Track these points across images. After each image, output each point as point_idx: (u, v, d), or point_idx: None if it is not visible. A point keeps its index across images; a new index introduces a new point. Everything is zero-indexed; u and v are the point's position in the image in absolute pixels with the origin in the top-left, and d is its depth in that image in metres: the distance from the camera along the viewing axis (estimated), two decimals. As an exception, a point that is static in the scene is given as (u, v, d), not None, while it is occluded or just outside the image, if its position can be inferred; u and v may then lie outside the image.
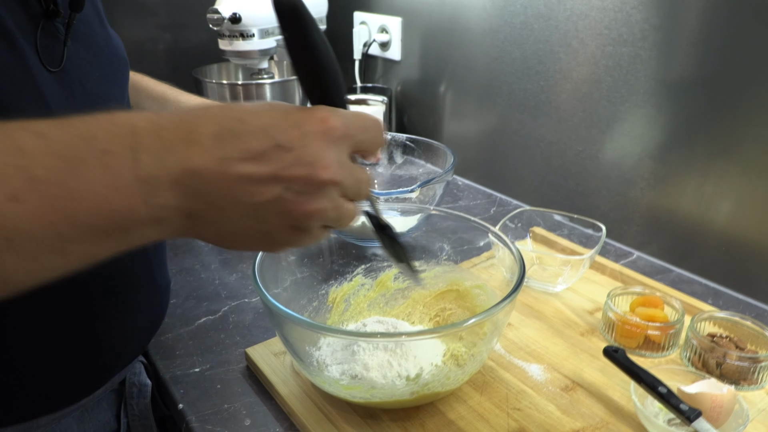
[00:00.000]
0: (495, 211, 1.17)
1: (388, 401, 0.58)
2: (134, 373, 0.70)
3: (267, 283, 0.61)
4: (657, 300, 0.74)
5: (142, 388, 0.70)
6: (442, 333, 0.52)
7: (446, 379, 0.57)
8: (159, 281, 0.68)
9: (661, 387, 0.57)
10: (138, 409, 0.70)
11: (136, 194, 0.34)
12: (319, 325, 0.53)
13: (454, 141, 1.36)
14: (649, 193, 0.96)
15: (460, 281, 0.73)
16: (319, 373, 0.61)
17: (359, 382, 0.58)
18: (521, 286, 0.57)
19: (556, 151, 1.10)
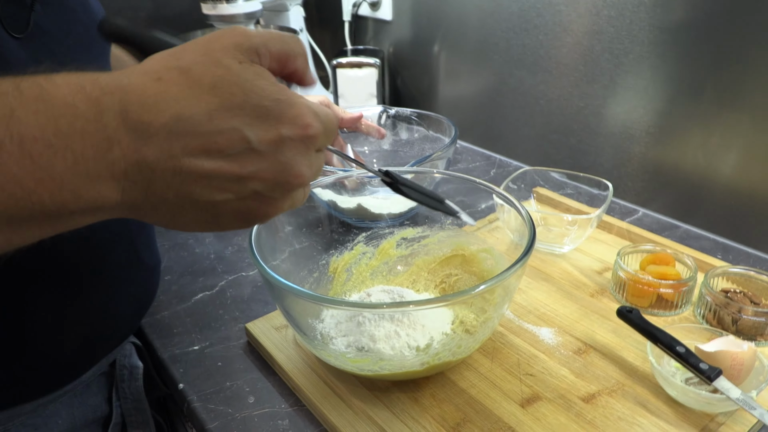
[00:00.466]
0: (495, 173, 1.14)
1: (398, 373, 0.56)
2: (124, 356, 0.68)
3: (265, 256, 0.58)
4: (668, 257, 0.72)
5: (133, 370, 0.68)
6: (452, 301, 0.50)
7: (457, 348, 0.55)
8: (146, 260, 0.65)
9: (679, 346, 0.55)
10: (130, 391, 0.67)
11: (67, 187, 0.30)
12: (322, 297, 0.51)
13: (450, 102, 1.32)
14: (653, 148, 0.93)
15: (466, 245, 0.71)
16: (323, 346, 0.59)
17: (366, 355, 0.56)
18: (533, 249, 0.55)
19: (556, 109, 1.07)
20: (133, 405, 0.68)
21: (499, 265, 0.66)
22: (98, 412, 0.65)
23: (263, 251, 0.58)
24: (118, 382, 0.67)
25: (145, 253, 0.66)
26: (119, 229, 0.59)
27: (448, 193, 0.99)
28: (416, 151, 1.06)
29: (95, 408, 0.65)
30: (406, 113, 1.05)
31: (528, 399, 0.57)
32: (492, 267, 0.67)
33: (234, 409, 0.61)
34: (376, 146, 1.09)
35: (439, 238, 0.73)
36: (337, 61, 1.29)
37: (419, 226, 0.75)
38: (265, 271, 0.53)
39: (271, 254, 0.62)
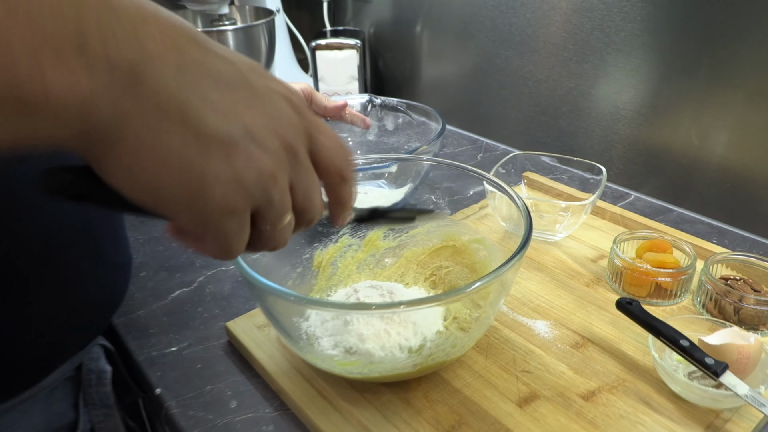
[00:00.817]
0: (482, 157, 1.11)
1: (388, 375, 0.53)
2: (91, 359, 0.64)
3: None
4: (665, 244, 0.69)
5: (101, 374, 0.64)
6: (446, 300, 0.47)
7: (451, 347, 0.52)
8: (112, 258, 0.61)
9: (683, 340, 0.53)
10: (98, 397, 0.63)
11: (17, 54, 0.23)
12: (307, 299, 0.47)
13: (433, 84, 1.28)
14: (645, 129, 0.91)
15: (456, 236, 0.67)
16: (309, 348, 0.56)
17: (355, 357, 0.53)
18: (530, 240, 0.51)
19: (545, 90, 1.03)
20: (102, 411, 0.64)
21: (492, 256, 0.63)
22: (63, 419, 0.61)
23: None
24: (85, 388, 0.63)
25: (111, 251, 0.61)
26: (79, 224, 0.55)
27: (436, 179, 0.96)
28: (402, 142, 1.03)
29: (60, 415, 0.61)
30: (392, 103, 1.01)
31: (525, 398, 0.55)
32: (485, 258, 0.64)
33: (215, 414, 0.57)
34: (361, 136, 1.05)
35: (428, 228, 0.70)
36: (316, 43, 1.24)
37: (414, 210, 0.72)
38: (244, 269, 0.49)
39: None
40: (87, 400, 0.63)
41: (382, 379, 0.54)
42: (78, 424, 0.63)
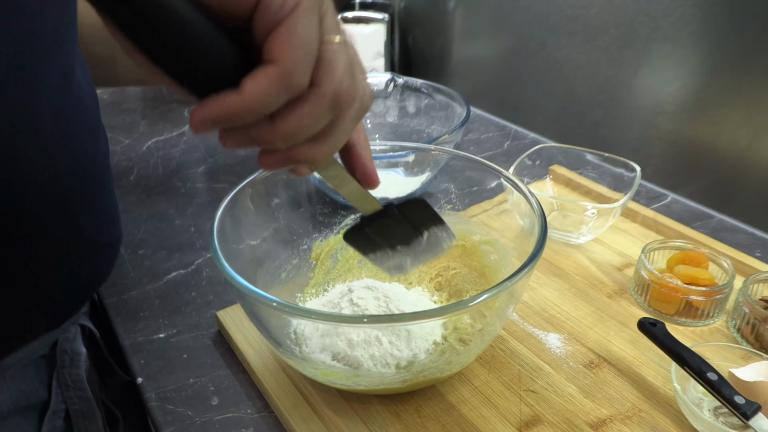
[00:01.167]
0: (509, 145, 1.04)
1: (376, 389, 0.48)
2: (67, 339, 0.61)
3: (228, 239, 0.50)
4: (701, 257, 0.62)
5: (75, 356, 0.61)
6: (443, 315, 0.41)
7: (446, 364, 0.47)
8: (91, 238, 0.57)
9: (711, 373, 0.47)
10: (71, 379, 0.60)
11: None
12: (290, 307, 0.42)
13: (463, 65, 1.21)
14: (688, 126, 0.83)
15: (467, 235, 0.62)
16: (295, 348, 0.51)
17: (341, 365, 0.48)
18: (543, 249, 0.46)
19: (581, 77, 0.96)
20: (76, 393, 0.61)
21: (503, 261, 0.57)
22: (33, 398, 0.58)
23: (226, 234, 0.50)
24: (59, 368, 0.60)
25: (89, 230, 0.57)
26: (50, 198, 0.51)
27: (456, 168, 0.90)
28: (424, 126, 0.97)
29: (30, 394, 0.58)
30: (416, 84, 0.95)
31: (527, 422, 0.49)
32: (495, 263, 0.58)
33: (194, 411, 0.54)
34: (381, 117, 0.99)
35: None
36: (342, 16, 1.18)
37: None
38: (224, 267, 0.45)
39: (236, 238, 0.54)
40: (60, 381, 0.60)
41: (369, 392, 0.50)
42: (49, 405, 0.60)
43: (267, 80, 0.27)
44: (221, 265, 0.45)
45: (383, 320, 0.41)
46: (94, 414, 0.64)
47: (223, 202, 0.53)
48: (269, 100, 0.27)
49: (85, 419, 0.63)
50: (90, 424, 0.64)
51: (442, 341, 0.52)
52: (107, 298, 0.69)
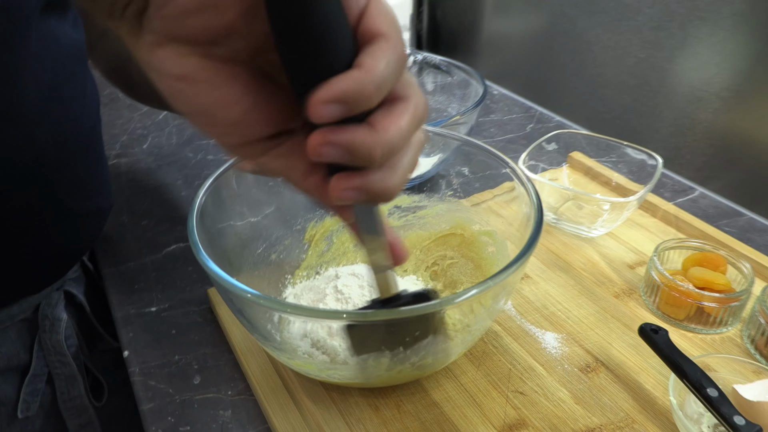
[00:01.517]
0: (532, 128, 1.00)
1: (350, 383, 0.46)
2: (49, 304, 0.61)
3: (213, 218, 0.49)
4: (719, 259, 0.58)
5: (55, 322, 0.61)
6: (424, 311, 0.39)
7: (430, 359, 0.45)
8: (73, 206, 0.57)
9: (711, 389, 0.43)
10: (51, 344, 0.61)
11: None
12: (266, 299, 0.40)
13: (493, 43, 1.16)
14: (724, 116, 0.77)
15: (467, 224, 0.59)
16: (275, 333, 0.50)
17: (316, 358, 0.46)
18: (533, 247, 0.43)
19: (611, 59, 0.90)
20: (57, 358, 0.62)
21: (499, 254, 0.54)
22: (14, 360, 0.59)
23: (209, 212, 0.49)
24: (41, 332, 0.61)
25: (71, 199, 0.57)
26: (30, 165, 0.51)
27: (472, 150, 0.86)
28: (441, 105, 0.93)
29: (10, 356, 0.59)
30: (434, 60, 0.91)
31: (511, 425, 0.47)
32: (492, 255, 0.55)
33: (175, 389, 0.53)
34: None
35: (438, 210, 0.62)
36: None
37: (416, 194, 0.63)
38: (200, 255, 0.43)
39: (224, 217, 0.53)
40: (42, 345, 0.61)
41: (346, 384, 0.48)
42: (30, 367, 0.61)
43: (383, 52, 0.26)
44: (193, 244, 0.43)
45: (359, 316, 0.38)
46: (76, 379, 0.64)
47: (209, 178, 0.51)
48: (390, 73, 0.26)
49: (67, 383, 0.64)
50: (72, 389, 0.64)
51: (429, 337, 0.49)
52: (105, 267, 0.68)
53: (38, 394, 0.62)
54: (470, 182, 0.63)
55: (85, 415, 0.66)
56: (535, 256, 0.66)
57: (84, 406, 0.66)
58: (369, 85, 0.25)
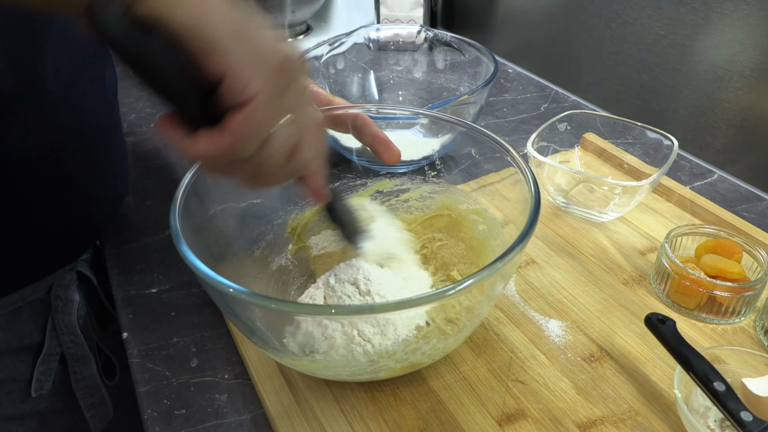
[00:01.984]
0: (546, 108, 0.97)
1: (347, 378, 0.45)
2: (61, 285, 0.61)
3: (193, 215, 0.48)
4: (734, 246, 0.56)
5: (68, 303, 0.62)
6: (420, 303, 0.37)
7: (433, 350, 0.43)
8: (86, 193, 0.57)
9: (718, 382, 0.41)
10: (64, 324, 0.61)
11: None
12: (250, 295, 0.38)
13: (509, 19, 1.12)
14: (746, 96, 0.74)
15: (454, 205, 0.58)
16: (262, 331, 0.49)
17: (309, 358, 0.45)
18: (529, 236, 0.41)
19: (630, 35, 0.87)
20: (70, 338, 0.62)
21: (491, 232, 0.53)
22: (26, 340, 0.60)
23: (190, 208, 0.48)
24: (54, 313, 0.61)
25: (90, 184, 0.57)
26: (44, 152, 0.52)
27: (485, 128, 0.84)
28: (453, 84, 0.91)
29: (23, 336, 0.59)
30: (446, 37, 0.89)
31: (510, 415, 0.46)
32: (483, 234, 0.54)
33: (172, 372, 0.53)
34: (408, 74, 0.93)
35: (422, 193, 0.60)
36: (380, -40, 1.11)
37: (397, 178, 0.62)
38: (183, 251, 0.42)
39: (205, 214, 0.52)
40: (55, 325, 0.61)
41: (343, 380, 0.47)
42: (43, 347, 0.61)
43: (216, 145, 0.32)
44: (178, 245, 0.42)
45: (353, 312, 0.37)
46: (88, 358, 0.64)
47: (186, 175, 0.50)
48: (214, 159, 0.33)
49: (79, 363, 0.64)
50: (84, 368, 0.65)
51: (426, 328, 0.47)
52: (108, 248, 0.68)
53: (51, 373, 0.63)
54: (488, 161, 0.60)
55: (98, 394, 0.67)
56: (542, 240, 0.64)
57: (96, 385, 0.66)
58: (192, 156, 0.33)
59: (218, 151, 0.33)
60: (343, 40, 0.89)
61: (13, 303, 0.58)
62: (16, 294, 0.58)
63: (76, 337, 0.62)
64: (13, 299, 0.58)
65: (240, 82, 0.31)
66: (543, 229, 0.65)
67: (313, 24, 1.22)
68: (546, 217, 0.67)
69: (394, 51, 0.94)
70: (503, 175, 0.58)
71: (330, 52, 0.88)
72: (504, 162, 0.52)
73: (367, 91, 0.93)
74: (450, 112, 0.71)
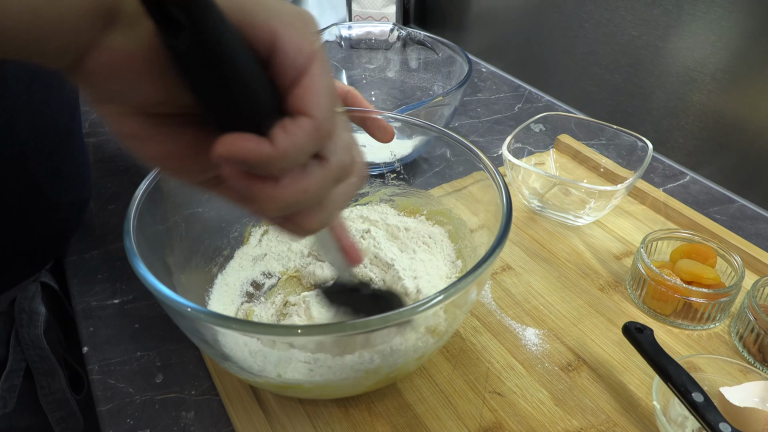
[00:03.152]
0: (520, 108, 0.96)
1: (310, 395, 0.43)
2: (26, 297, 0.58)
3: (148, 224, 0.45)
4: (708, 251, 0.55)
5: (33, 315, 0.59)
6: (393, 322, 0.36)
7: (408, 358, 0.42)
8: (53, 198, 0.54)
9: (697, 393, 0.41)
10: (30, 338, 0.58)
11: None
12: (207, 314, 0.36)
13: (483, 17, 1.11)
14: (718, 98, 0.74)
15: (417, 207, 0.57)
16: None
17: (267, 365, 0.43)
18: (500, 248, 0.40)
19: (603, 35, 0.86)
20: (36, 352, 0.59)
21: (458, 232, 0.52)
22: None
23: (144, 221, 0.45)
24: (18, 327, 0.58)
25: (52, 190, 0.55)
26: (10, 157, 0.49)
27: (462, 129, 0.82)
28: (426, 84, 0.89)
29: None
30: (419, 36, 0.87)
31: (487, 429, 0.45)
32: (450, 234, 0.53)
33: (135, 388, 0.51)
34: (380, 72, 0.92)
35: (381, 196, 0.59)
36: (352, -44, 1.09)
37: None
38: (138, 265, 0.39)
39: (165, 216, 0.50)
40: (20, 339, 0.58)
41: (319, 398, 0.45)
42: (7, 363, 0.58)
43: (302, 133, 0.25)
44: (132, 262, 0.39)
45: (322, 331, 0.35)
46: (56, 373, 0.62)
47: (140, 187, 0.48)
48: (300, 154, 0.26)
49: (47, 377, 0.62)
50: (53, 382, 0.62)
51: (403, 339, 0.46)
52: (68, 256, 0.65)
53: (16, 389, 0.59)
54: (462, 163, 0.59)
55: (67, 408, 0.64)
56: (517, 245, 0.63)
57: (65, 399, 0.64)
58: (275, 162, 0.25)
59: (304, 136, 0.26)
60: (314, 38, 0.87)
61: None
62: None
63: (42, 351, 0.59)
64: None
65: (296, 40, 0.26)
66: (518, 234, 0.64)
67: (283, 20, 1.19)
68: (521, 221, 0.66)
69: (366, 49, 0.92)
70: (477, 177, 0.57)
71: (300, 50, 0.86)
72: (476, 166, 0.51)
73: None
74: (424, 113, 0.70)
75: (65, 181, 0.58)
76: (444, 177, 0.63)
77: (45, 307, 0.61)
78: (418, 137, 0.72)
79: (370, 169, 0.63)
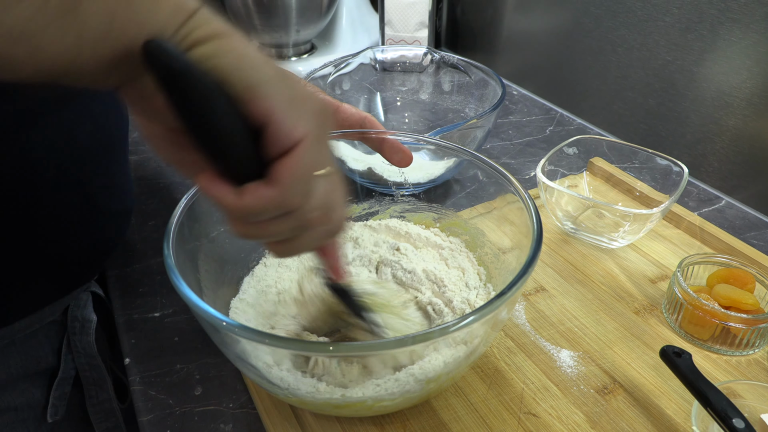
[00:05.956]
0: (551, 131, 0.97)
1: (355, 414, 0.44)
2: (78, 306, 0.60)
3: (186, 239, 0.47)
4: (746, 276, 0.55)
5: (85, 323, 0.60)
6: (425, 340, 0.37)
7: (437, 379, 0.42)
8: (104, 206, 0.57)
9: (738, 419, 0.41)
10: (81, 346, 0.60)
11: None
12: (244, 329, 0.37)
13: (514, 40, 1.12)
14: (753, 122, 0.73)
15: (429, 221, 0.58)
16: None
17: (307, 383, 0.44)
18: (531, 269, 0.40)
19: (636, 60, 0.87)
20: (86, 360, 0.61)
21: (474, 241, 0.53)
22: (42, 364, 0.58)
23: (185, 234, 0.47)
24: (69, 334, 0.60)
25: (103, 198, 0.57)
26: (66, 165, 0.51)
27: (494, 151, 0.83)
28: (458, 106, 0.91)
29: (38, 360, 0.58)
30: (452, 60, 0.89)
31: (522, 450, 0.45)
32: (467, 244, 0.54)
33: (176, 400, 0.52)
34: (413, 95, 0.93)
35: (392, 213, 0.60)
36: (386, -18, 1.12)
37: (364, 202, 0.61)
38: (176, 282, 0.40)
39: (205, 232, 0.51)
40: (71, 347, 0.60)
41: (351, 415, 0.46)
42: (59, 370, 0.60)
43: (266, 199, 0.30)
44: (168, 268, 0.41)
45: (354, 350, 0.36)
46: (105, 381, 0.63)
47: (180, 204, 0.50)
48: (261, 214, 0.31)
49: (96, 386, 0.63)
50: (101, 392, 0.64)
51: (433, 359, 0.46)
52: (110, 269, 0.67)
53: (66, 397, 0.61)
54: (493, 184, 0.59)
55: (113, 419, 0.65)
56: (551, 267, 0.63)
57: (112, 410, 0.65)
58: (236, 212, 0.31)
59: (268, 202, 0.30)
60: (349, 61, 0.89)
61: (30, 326, 0.57)
62: (34, 316, 0.57)
63: (93, 359, 0.61)
64: (30, 322, 0.57)
65: (287, 124, 0.30)
66: (552, 256, 0.65)
67: (318, 43, 1.22)
68: (555, 243, 0.66)
69: (400, 72, 0.94)
70: (508, 199, 0.57)
71: (336, 73, 0.88)
72: (507, 189, 0.52)
73: (373, 112, 0.93)
74: (457, 135, 0.71)
75: (114, 190, 0.60)
76: (477, 198, 0.64)
77: (97, 315, 0.63)
78: (450, 159, 0.73)
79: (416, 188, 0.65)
